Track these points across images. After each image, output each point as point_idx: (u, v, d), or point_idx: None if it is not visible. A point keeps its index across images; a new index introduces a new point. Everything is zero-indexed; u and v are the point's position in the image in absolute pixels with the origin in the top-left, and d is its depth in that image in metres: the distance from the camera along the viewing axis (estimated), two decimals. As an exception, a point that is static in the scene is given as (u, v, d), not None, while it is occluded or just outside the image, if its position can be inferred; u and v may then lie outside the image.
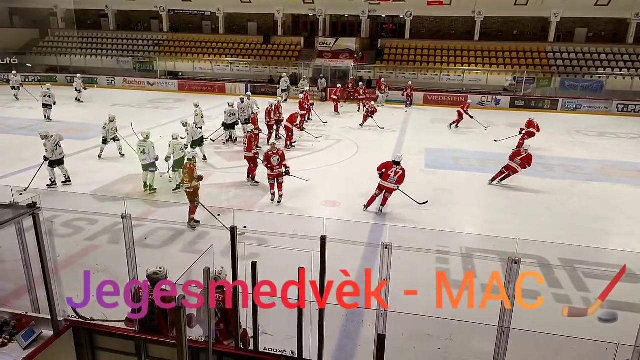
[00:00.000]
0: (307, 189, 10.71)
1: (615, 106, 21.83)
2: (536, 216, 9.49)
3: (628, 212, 9.99)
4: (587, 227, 9.04)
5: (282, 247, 6.35)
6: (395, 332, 4.53)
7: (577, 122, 19.83)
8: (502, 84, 24.47)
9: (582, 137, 17.22)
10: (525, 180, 11.70)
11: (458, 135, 17.00)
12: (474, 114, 17.82)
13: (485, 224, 9.44)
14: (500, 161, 13.40)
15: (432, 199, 10.15)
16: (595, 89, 23.25)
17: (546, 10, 25.27)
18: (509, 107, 23.05)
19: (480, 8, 26.00)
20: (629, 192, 11.08)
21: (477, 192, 10.93)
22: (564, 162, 13.44)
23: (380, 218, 9.11)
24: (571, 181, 11.80)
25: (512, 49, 25.88)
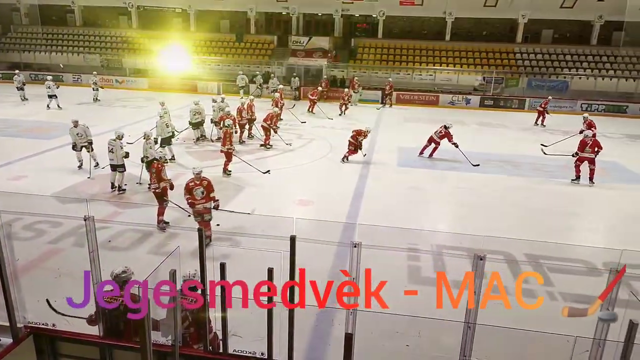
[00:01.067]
0: (280, 188, 10.67)
1: (580, 105, 22.57)
2: (504, 213, 9.71)
3: (590, 209, 10.35)
4: (552, 223, 9.30)
5: (251, 247, 6.30)
6: (366, 330, 4.56)
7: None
8: (472, 83, 24.97)
9: (547, 135, 17.72)
10: (493, 178, 11.97)
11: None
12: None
13: (454, 221, 9.61)
14: (482, 159, 13.68)
15: (403, 197, 10.28)
16: (561, 88, 24.00)
17: (514, 11, 25.92)
18: (479, 106, 23.55)
19: (451, 9, 26.44)
20: (591, 189, 11.46)
21: (447, 190, 11.11)
22: (530, 160, 13.80)
23: (352, 217, 9.15)
24: (537, 179, 12.12)
25: (482, 49, 26.43)
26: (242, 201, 9.82)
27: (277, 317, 4.09)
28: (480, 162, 13.36)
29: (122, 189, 10.11)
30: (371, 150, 14.42)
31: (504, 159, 13.83)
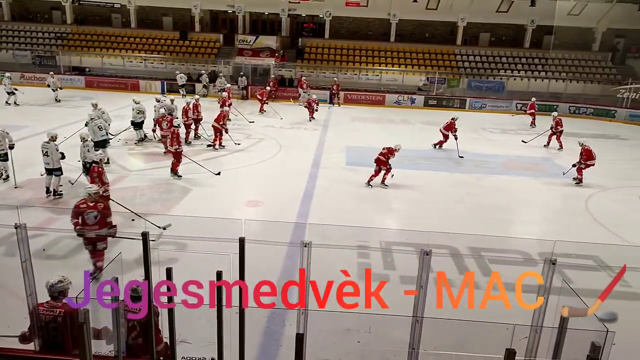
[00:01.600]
0: (228, 189, 10.49)
1: (515, 105, 23.86)
2: (448, 209, 10.08)
3: (528, 202, 10.97)
4: (493, 217, 9.78)
5: (199, 251, 6.14)
6: (317, 329, 4.58)
7: (483, 120, 21.41)
8: (417, 83, 25.74)
9: (487, 134, 18.62)
10: (438, 175, 12.40)
11: (377, 133, 17.58)
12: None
13: (402, 218, 9.87)
14: (415, 157, 14.11)
15: (353, 196, 10.42)
16: (498, 89, 25.29)
17: (454, 15, 26.98)
18: (423, 105, 24.31)
19: (395, 11, 27.12)
20: (528, 184, 12.16)
21: (394, 188, 11.37)
22: (472, 157, 14.42)
23: (302, 217, 9.16)
24: (479, 175, 12.69)
25: (425, 50, 27.32)
26: (189, 203, 9.57)
27: (227, 320, 4.02)
28: (425, 160, 13.84)
29: (59, 194, 9.54)
30: (320, 150, 14.51)
31: (447, 156, 14.37)
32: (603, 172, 13.35)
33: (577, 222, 9.65)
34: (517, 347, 3.58)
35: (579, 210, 10.30)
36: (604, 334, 3.07)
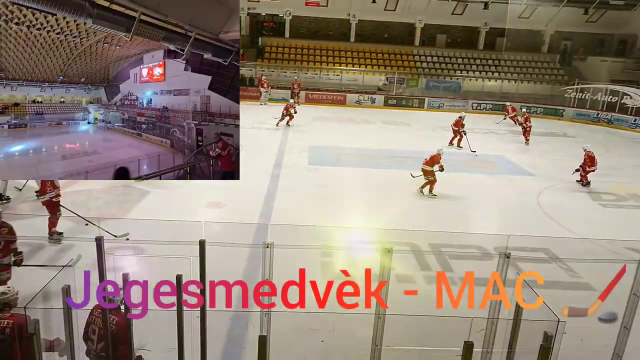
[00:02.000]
0: (188, 190, 10.26)
1: (471, 105, 24.65)
2: (409, 206, 10.29)
3: (484, 199, 11.35)
4: (451, 213, 10.06)
5: (157, 255, 5.97)
6: (281, 330, 4.56)
7: (441, 119, 21.95)
8: (377, 83, 26.11)
9: (445, 132, 19.12)
10: (398, 173, 12.62)
11: (339, 133, 17.72)
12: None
13: (364, 216, 9.97)
14: (377, 157, 14.32)
15: (316, 196, 10.44)
16: (454, 89, 26.05)
17: (412, 16, 27.56)
18: (384, 105, 24.70)
19: (355, 11, 27.38)
20: (484, 181, 12.59)
21: (358, 186, 11.50)
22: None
23: (265, 218, 9.09)
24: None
25: (384, 51, 27.75)
26: (147, 206, 9.30)
27: (188, 325, 3.94)
28: (386, 159, 14.06)
29: (6, 198, 9.04)
30: (282, 150, 14.47)
31: (407, 155, 14.64)
32: (553, 168, 14.01)
33: (529, 217, 10.07)
34: (475, 339, 3.71)
35: (531, 205, 10.75)
36: (555, 324, 3.22)
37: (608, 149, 17.50)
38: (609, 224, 9.90)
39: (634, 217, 10.34)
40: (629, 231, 9.34)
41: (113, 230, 7.06)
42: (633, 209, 10.85)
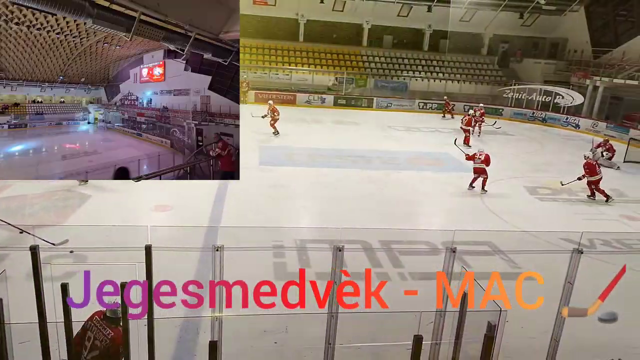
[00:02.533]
0: (133, 193, 9.87)
1: (417, 104, 25.40)
2: (359, 204, 10.43)
3: (431, 196, 11.72)
4: (400, 210, 10.31)
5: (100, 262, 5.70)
6: (233, 333, 4.48)
7: (389, 118, 22.48)
8: (326, 83, 26.30)
9: (393, 131, 19.60)
10: (348, 172, 12.79)
11: (290, 133, 17.67)
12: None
13: (316, 215, 10.02)
14: (328, 156, 14.42)
15: (266, 196, 10.36)
16: (402, 89, 26.71)
17: (359, 17, 27.99)
18: (333, 105, 24.91)
19: (303, 11, 27.44)
20: (430, 178, 13.00)
21: (308, 186, 11.53)
22: (380, 154, 15.08)
23: (215, 220, 8.91)
24: (386, 171, 13.30)
25: (333, 51, 28.00)
26: (89, 211, 8.84)
27: (134, 333, 3.78)
28: (336, 158, 14.18)
29: None
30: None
31: (357, 154, 14.87)
32: (494, 165, 14.69)
33: (474, 212, 10.52)
34: (424, 332, 3.81)
35: (475, 200, 11.23)
36: (496, 314, 3.37)
37: (543, 146, 18.61)
38: (545, 216, 10.52)
39: (567, 210, 11.06)
40: (563, 223, 9.98)
41: (51, 238, 6.65)
42: (567, 202, 11.60)
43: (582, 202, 11.64)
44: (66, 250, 6.81)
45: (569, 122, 23.27)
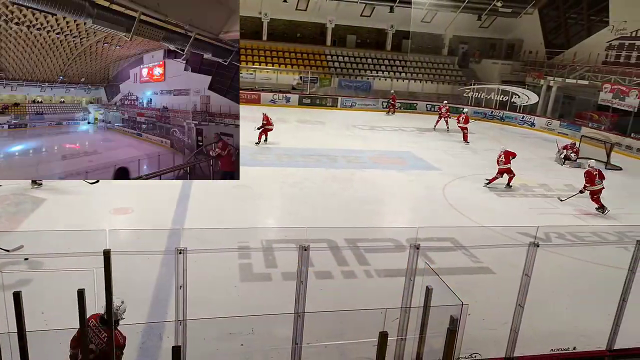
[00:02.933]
0: (91, 196, 9.52)
1: (381, 104, 25.73)
2: (325, 203, 10.48)
3: (395, 193, 11.91)
4: (366, 208, 10.41)
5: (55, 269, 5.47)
6: (198, 337, 4.40)
7: (353, 117, 22.66)
8: (291, 82, 26.23)
9: (357, 130, 19.77)
10: (313, 171, 12.81)
11: (254, 132, 17.50)
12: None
13: (281, 215, 9.98)
14: (293, 155, 14.39)
15: (231, 197, 10.24)
16: (365, 88, 26.98)
17: (322, 17, 28.06)
18: (298, 104, 24.88)
19: (266, 10, 27.25)
20: (394, 177, 13.20)
21: (273, 185, 11.46)
22: (344, 153, 15.19)
23: (178, 222, 8.72)
24: (351, 170, 13.41)
25: (297, 50, 27.94)
26: (43, 215, 8.46)
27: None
28: (301, 157, 14.17)
29: None
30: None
31: (322, 153, 14.91)
32: (455, 162, 15.10)
33: (436, 208, 10.76)
34: (389, 329, 3.87)
35: (437, 197, 11.49)
36: (459, 308, 3.46)
37: (501, 143, 19.23)
38: (503, 212, 10.89)
39: (524, 205, 11.48)
40: (520, 217, 10.36)
41: (4, 245, 6.34)
42: (523, 198, 12.05)
43: (537, 197, 12.13)
44: (20, 256, 6.50)
45: (525, 120, 24.20)
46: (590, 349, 5.34)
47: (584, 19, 25.02)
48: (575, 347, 5.27)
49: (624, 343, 5.26)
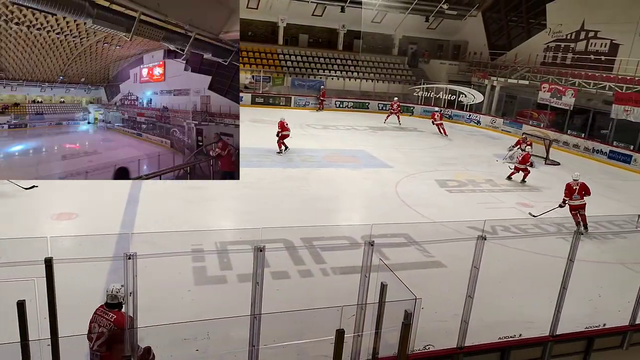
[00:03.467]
0: (31, 202, 8.98)
1: (334, 103, 25.94)
2: (281, 203, 10.43)
3: (349, 191, 12.05)
4: (321, 207, 10.46)
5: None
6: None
7: (307, 117, 22.71)
8: (243, 81, 25.89)
9: (311, 130, 19.83)
10: (269, 171, 12.73)
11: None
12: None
13: (237, 216, 9.84)
14: (247, 155, 14.17)
15: (183, 199, 9.99)
16: (318, 87, 27.09)
17: (274, 15, 27.89)
18: (251, 103, 24.63)
19: (216, 7, 26.71)
20: (349, 175, 13.35)
21: (227, 186, 11.24)
22: (299, 153, 15.19)
23: (127, 226, 8.39)
24: (306, 169, 13.43)
25: (249, 49, 27.62)
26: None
27: (36, 356, 3.44)
28: (255, 157, 14.04)
29: None
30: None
31: (276, 153, 14.83)
32: (406, 160, 15.48)
33: (390, 205, 10.98)
34: (346, 326, 3.91)
35: (390, 194, 11.73)
36: (412, 302, 3.54)
37: (450, 141, 19.93)
38: (453, 207, 11.28)
39: (472, 200, 11.95)
40: (470, 212, 10.76)
41: None
42: (472, 193, 12.54)
43: (484, 192, 12.66)
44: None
45: (472, 118, 25.19)
46: (535, 335, 5.63)
47: (523, 21, 26.36)
48: (521, 334, 5.54)
49: (564, 328, 5.59)
